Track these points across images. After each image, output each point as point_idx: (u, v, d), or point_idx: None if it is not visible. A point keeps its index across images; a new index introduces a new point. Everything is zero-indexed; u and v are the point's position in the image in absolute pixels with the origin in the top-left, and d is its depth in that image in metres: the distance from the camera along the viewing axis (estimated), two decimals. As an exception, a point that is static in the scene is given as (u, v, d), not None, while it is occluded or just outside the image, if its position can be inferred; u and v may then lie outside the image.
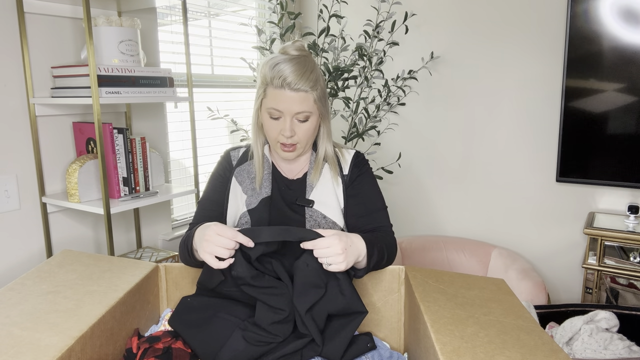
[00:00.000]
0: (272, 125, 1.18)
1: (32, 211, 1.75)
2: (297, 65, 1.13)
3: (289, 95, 1.13)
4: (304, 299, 1.03)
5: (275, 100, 1.14)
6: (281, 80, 1.12)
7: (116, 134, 1.72)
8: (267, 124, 1.19)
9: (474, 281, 1.15)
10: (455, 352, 0.83)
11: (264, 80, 1.16)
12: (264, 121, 1.20)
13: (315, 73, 1.16)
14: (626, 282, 2.11)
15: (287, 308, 1.03)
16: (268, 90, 1.15)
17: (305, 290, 1.03)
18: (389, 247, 1.18)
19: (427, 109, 2.69)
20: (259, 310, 1.04)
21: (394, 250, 1.21)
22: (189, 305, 1.14)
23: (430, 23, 2.61)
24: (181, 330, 1.09)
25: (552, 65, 2.32)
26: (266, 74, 1.15)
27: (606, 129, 2.15)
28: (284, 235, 1.03)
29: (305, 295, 1.03)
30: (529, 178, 2.46)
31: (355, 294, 1.06)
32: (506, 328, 0.92)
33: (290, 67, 1.13)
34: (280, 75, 1.12)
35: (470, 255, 2.48)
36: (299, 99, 1.13)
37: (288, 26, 2.31)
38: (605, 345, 1.45)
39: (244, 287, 1.05)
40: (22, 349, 0.81)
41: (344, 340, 1.04)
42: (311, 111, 1.16)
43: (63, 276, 1.12)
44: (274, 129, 1.18)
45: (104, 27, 1.67)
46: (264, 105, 1.18)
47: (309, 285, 1.04)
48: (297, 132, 1.17)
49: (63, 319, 0.92)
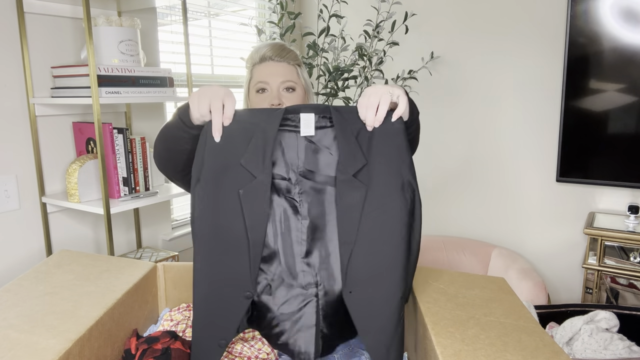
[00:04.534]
0: (260, 99, 1.22)
1: (32, 211, 1.75)
2: (278, 44, 1.26)
3: (272, 65, 1.22)
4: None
5: (260, 74, 1.22)
6: (264, 54, 1.22)
7: (116, 134, 1.72)
8: (255, 100, 1.23)
9: (474, 280, 1.15)
10: (456, 355, 0.83)
11: (250, 63, 1.26)
12: (252, 100, 1.25)
13: (295, 54, 1.27)
14: (626, 282, 2.11)
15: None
16: (254, 70, 1.24)
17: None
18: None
19: (427, 109, 2.68)
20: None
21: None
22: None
23: (430, 23, 2.61)
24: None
25: (552, 65, 2.32)
26: (252, 56, 1.25)
27: (606, 128, 2.15)
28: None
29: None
30: (529, 178, 2.45)
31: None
32: (507, 329, 0.92)
33: (271, 44, 1.25)
34: (263, 51, 1.23)
35: (471, 255, 2.48)
36: (282, 69, 1.22)
37: (288, 26, 2.30)
38: (605, 345, 1.45)
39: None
40: (19, 352, 0.80)
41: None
42: (296, 82, 1.23)
43: (60, 277, 1.12)
44: (261, 102, 1.22)
45: (103, 27, 1.66)
46: (252, 85, 1.24)
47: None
48: (285, 103, 1.21)
49: (61, 320, 0.91)
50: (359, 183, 0.96)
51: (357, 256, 0.96)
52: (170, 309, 1.25)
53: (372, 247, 0.97)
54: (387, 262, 0.97)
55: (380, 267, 0.97)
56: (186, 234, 2.36)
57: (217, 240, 0.97)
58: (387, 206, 0.97)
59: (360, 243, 0.96)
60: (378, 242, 0.97)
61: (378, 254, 0.97)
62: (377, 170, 0.97)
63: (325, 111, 0.98)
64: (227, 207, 0.96)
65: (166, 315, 1.19)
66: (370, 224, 0.96)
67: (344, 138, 0.97)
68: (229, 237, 0.97)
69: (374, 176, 0.97)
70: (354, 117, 0.99)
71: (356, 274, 0.97)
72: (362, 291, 0.97)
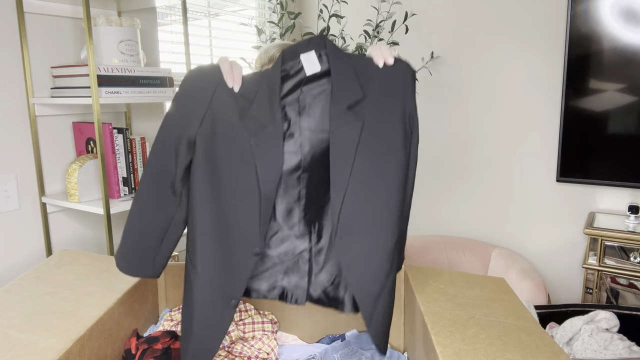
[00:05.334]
0: None
1: (32, 211, 1.75)
2: (286, 45, 1.25)
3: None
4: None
5: None
6: (272, 55, 1.23)
7: (116, 134, 1.72)
8: None
9: (474, 280, 1.15)
10: (456, 355, 0.83)
11: (259, 64, 1.26)
12: None
13: None
14: (626, 282, 2.11)
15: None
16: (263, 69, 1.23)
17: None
18: None
19: (427, 108, 2.68)
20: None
21: None
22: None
23: (430, 23, 2.61)
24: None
25: (552, 65, 2.32)
26: (260, 57, 1.25)
27: (606, 128, 2.15)
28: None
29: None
30: (529, 178, 2.45)
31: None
32: (507, 329, 0.92)
33: (280, 45, 1.25)
34: (272, 52, 1.23)
35: (471, 255, 2.48)
36: None
37: (288, 26, 2.30)
38: (605, 345, 1.45)
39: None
40: (19, 352, 0.80)
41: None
42: None
43: (61, 277, 1.12)
44: None
45: (103, 27, 1.66)
46: None
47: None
48: None
49: (61, 320, 0.91)
50: (353, 117, 0.92)
51: (350, 199, 0.92)
52: (171, 309, 1.25)
53: (366, 189, 0.92)
54: (381, 206, 0.93)
55: (374, 211, 0.93)
56: (186, 233, 2.36)
57: (224, 196, 0.93)
58: (385, 146, 0.93)
59: (353, 185, 0.92)
60: (373, 184, 0.92)
61: (372, 197, 0.92)
62: (376, 106, 0.93)
63: (320, 44, 0.94)
64: (237, 159, 0.92)
65: (166, 315, 1.19)
66: (365, 165, 0.92)
67: (339, 69, 0.93)
68: (239, 192, 0.93)
69: (372, 112, 0.93)
70: (354, 55, 0.96)
71: (348, 218, 0.93)
72: (354, 237, 0.93)
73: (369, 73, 0.95)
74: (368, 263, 0.94)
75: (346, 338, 1.18)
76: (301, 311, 1.22)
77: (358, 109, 0.92)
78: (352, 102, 0.92)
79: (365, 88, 0.94)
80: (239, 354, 1.11)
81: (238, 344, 1.12)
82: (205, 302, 0.95)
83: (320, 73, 0.95)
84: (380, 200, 0.93)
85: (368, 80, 0.94)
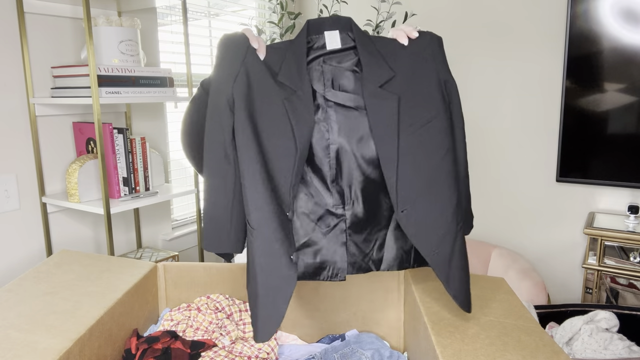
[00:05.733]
0: None
1: (32, 211, 1.75)
2: None
3: None
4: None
5: None
6: None
7: (116, 134, 1.72)
8: None
9: (474, 280, 1.15)
10: (456, 355, 0.83)
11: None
12: None
13: None
14: (626, 282, 2.11)
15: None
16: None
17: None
18: None
19: (427, 108, 2.68)
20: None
21: None
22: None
23: (430, 23, 2.61)
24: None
25: (552, 65, 2.32)
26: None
27: (606, 128, 2.15)
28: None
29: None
30: (529, 178, 2.45)
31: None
32: (507, 329, 0.92)
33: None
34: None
35: (471, 255, 2.48)
36: None
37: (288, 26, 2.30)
38: (605, 345, 1.45)
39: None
40: (19, 352, 0.81)
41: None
42: None
43: (61, 277, 1.12)
44: None
45: (104, 27, 1.67)
46: None
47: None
48: None
49: (61, 320, 0.92)
50: (388, 94, 0.94)
51: (404, 172, 0.94)
52: (171, 309, 1.25)
53: (416, 159, 0.95)
54: (434, 172, 0.95)
55: (429, 179, 0.95)
56: (186, 233, 2.36)
57: (266, 151, 0.95)
58: (427, 114, 0.95)
59: (403, 158, 0.94)
60: (422, 153, 0.95)
61: (424, 166, 0.95)
62: (408, 80, 0.96)
63: (347, 26, 0.99)
64: (273, 119, 0.94)
65: (166, 315, 1.19)
66: (411, 138, 0.95)
67: (367, 52, 0.97)
68: (278, 148, 0.95)
69: (406, 87, 0.96)
70: (377, 37, 1.00)
71: (406, 191, 0.95)
72: (415, 207, 0.95)
73: (395, 52, 0.99)
74: (434, 229, 0.95)
75: (346, 338, 1.18)
76: (301, 311, 1.22)
77: (391, 87, 0.96)
78: (383, 81, 0.95)
79: (394, 67, 0.97)
80: (239, 353, 1.11)
81: (238, 344, 1.12)
82: (266, 259, 0.95)
83: (344, 48, 0.99)
84: (433, 167, 0.95)
85: (396, 58, 0.98)
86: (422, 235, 0.95)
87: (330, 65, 0.99)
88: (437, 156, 0.95)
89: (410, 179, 0.95)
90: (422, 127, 0.95)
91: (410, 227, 0.95)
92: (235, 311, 1.20)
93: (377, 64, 0.96)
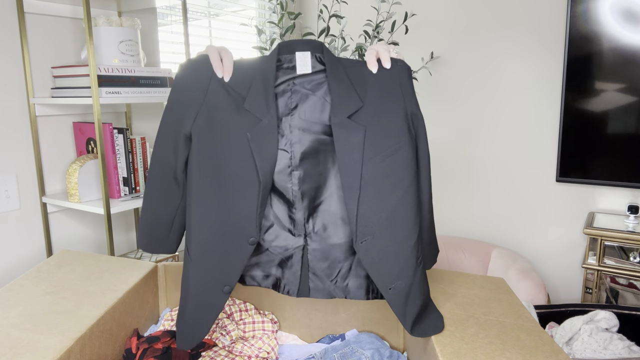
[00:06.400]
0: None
1: (32, 211, 1.75)
2: None
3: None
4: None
5: None
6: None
7: (116, 134, 1.72)
8: None
9: (473, 280, 1.15)
10: (455, 353, 0.83)
11: None
12: None
13: None
14: (626, 282, 2.11)
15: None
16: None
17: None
18: None
19: (427, 108, 2.69)
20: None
21: None
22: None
23: (430, 23, 2.61)
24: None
25: (552, 65, 2.32)
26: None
27: (606, 128, 2.15)
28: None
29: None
30: (529, 178, 2.45)
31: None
32: (506, 328, 0.92)
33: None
34: None
35: (470, 255, 2.48)
36: None
37: (288, 26, 2.30)
38: (605, 345, 1.45)
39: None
40: (20, 350, 0.81)
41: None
42: None
43: (62, 276, 1.12)
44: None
45: (104, 27, 1.67)
46: None
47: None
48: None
49: (62, 319, 0.92)
50: (355, 124, 0.94)
51: (365, 203, 0.94)
52: (171, 308, 1.26)
53: (378, 191, 0.94)
54: (396, 205, 0.94)
55: (390, 211, 0.94)
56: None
57: (223, 186, 0.95)
58: (391, 147, 0.95)
59: (365, 189, 0.94)
60: (385, 185, 0.94)
61: (386, 198, 0.94)
62: (376, 111, 0.95)
63: (318, 48, 0.97)
64: (235, 151, 0.94)
65: (167, 315, 1.20)
66: (375, 168, 0.94)
67: (336, 80, 0.96)
68: (239, 182, 0.94)
69: (373, 117, 0.95)
70: (348, 62, 0.99)
71: (366, 222, 0.94)
72: (374, 239, 0.94)
73: (365, 80, 0.97)
74: (392, 263, 0.94)
75: (346, 338, 1.18)
76: (301, 311, 1.22)
77: (358, 118, 0.95)
78: (352, 111, 0.94)
79: (363, 96, 0.96)
80: (239, 353, 1.11)
81: (238, 344, 1.12)
82: (199, 288, 0.98)
83: (313, 72, 0.98)
84: (394, 200, 0.94)
85: (365, 87, 0.97)
86: (379, 269, 0.94)
87: (299, 90, 0.98)
88: (400, 189, 0.94)
89: (372, 210, 0.94)
90: (386, 158, 0.94)
91: (368, 259, 0.95)
92: (235, 311, 1.20)
93: (346, 93, 0.95)
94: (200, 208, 0.96)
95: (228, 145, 0.94)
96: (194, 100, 0.95)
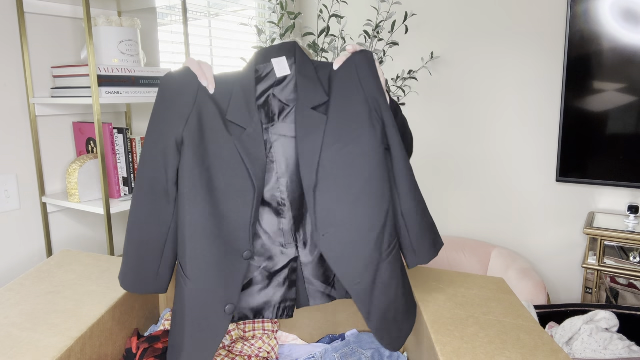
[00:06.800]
0: None
1: (32, 211, 1.75)
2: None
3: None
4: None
5: None
6: None
7: (116, 134, 1.72)
8: None
9: (473, 280, 1.15)
10: (455, 353, 0.83)
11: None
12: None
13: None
14: (626, 282, 2.11)
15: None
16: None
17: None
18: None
19: (427, 109, 2.69)
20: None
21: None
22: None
23: (430, 23, 2.61)
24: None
25: (552, 65, 2.32)
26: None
27: (606, 128, 2.15)
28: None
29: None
30: (529, 178, 2.45)
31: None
32: (506, 328, 0.92)
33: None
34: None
35: (470, 255, 2.48)
36: None
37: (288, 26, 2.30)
38: (605, 345, 1.45)
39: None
40: (21, 349, 0.81)
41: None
42: None
43: (62, 276, 1.12)
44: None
45: (104, 27, 1.67)
46: None
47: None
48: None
49: (62, 319, 0.92)
50: (316, 114, 0.93)
51: (323, 193, 0.92)
52: (171, 309, 1.25)
53: (338, 181, 0.92)
54: (358, 194, 0.91)
55: (351, 201, 0.91)
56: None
57: (217, 195, 0.92)
58: (351, 134, 0.93)
59: (324, 179, 0.92)
60: (345, 174, 0.92)
61: (346, 187, 0.92)
62: (340, 104, 0.95)
63: (291, 51, 0.97)
64: (226, 158, 0.93)
65: (167, 315, 1.20)
66: (334, 157, 0.92)
67: (303, 77, 0.96)
68: (234, 190, 0.92)
69: (336, 109, 0.95)
70: (319, 63, 1.00)
71: (325, 213, 0.92)
72: (335, 231, 0.92)
73: (331, 77, 0.98)
74: (355, 254, 0.92)
75: (346, 338, 1.18)
76: (301, 311, 1.22)
77: (322, 109, 0.95)
78: (316, 104, 0.94)
79: (329, 92, 0.97)
80: (239, 353, 1.11)
81: (238, 343, 1.13)
82: (198, 310, 0.91)
83: (290, 80, 0.98)
84: (356, 188, 0.92)
85: (331, 84, 0.97)
86: (343, 263, 0.92)
87: (279, 100, 0.98)
88: (361, 177, 0.92)
89: (332, 200, 0.92)
90: (347, 145, 0.93)
91: (331, 253, 0.92)
92: (235, 311, 1.20)
93: (313, 89, 0.95)
94: (194, 217, 0.91)
95: (219, 151, 0.93)
96: (185, 104, 0.93)
